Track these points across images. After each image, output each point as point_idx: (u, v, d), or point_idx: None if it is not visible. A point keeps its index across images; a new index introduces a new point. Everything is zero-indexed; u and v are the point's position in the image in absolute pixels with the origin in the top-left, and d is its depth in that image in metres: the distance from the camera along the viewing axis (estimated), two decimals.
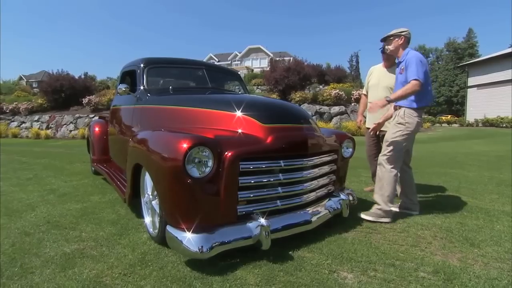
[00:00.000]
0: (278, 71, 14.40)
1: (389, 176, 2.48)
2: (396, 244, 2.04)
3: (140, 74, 2.90)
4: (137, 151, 2.09)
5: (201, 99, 2.42)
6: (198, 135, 1.70)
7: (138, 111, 2.70)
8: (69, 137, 13.47)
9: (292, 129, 1.98)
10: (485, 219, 2.55)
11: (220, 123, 2.00)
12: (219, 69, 3.64)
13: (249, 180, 1.77)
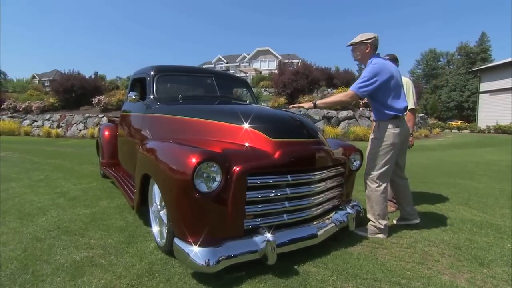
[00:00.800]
0: (286, 74, 14.40)
1: (376, 195, 2.42)
2: (403, 261, 2.02)
3: (150, 82, 2.95)
4: (146, 161, 2.13)
5: (209, 110, 2.45)
6: (207, 150, 1.71)
7: (148, 119, 2.75)
8: (79, 136, 13.71)
9: (300, 143, 1.98)
10: (495, 236, 2.50)
11: (228, 135, 2.02)
12: (227, 76, 3.67)
13: (256, 195, 1.78)
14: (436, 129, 19.76)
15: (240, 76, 3.96)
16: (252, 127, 1.98)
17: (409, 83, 3.14)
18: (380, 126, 2.43)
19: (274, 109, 2.53)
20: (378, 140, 2.42)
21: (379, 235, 2.42)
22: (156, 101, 2.78)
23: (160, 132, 2.54)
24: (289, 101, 14.70)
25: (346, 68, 31.25)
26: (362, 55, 2.49)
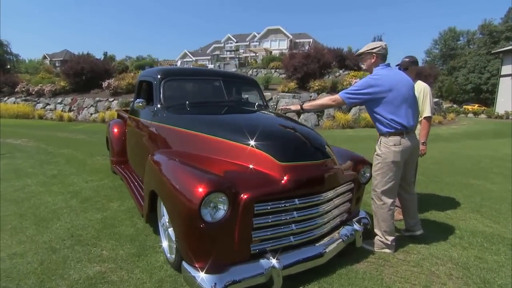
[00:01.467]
0: (297, 58, 13.99)
1: (382, 212, 2.39)
2: (408, 283, 2.02)
3: (157, 87, 2.90)
4: (154, 177, 2.13)
5: (216, 123, 2.40)
6: (215, 178, 1.69)
7: (155, 127, 2.73)
8: (90, 120, 13.92)
9: (309, 167, 1.94)
10: (507, 254, 2.46)
11: (235, 155, 1.99)
12: (236, 77, 3.58)
13: (263, 221, 1.78)
14: (451, 114, 19.16)
15: (248, 76, 3.85)
16: (260, 149, 1.94)
17: (427, 88, 2.99)
18: (381, 142, 2.37)
19: (282, 122, 2.46)
20: (379, 157, 2.36)
21: (385, 250, 2.41)
22: (163, 109, 2.74)
23: (166, 143, 2.53)
24: (299, 85, 14.40)
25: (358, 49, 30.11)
26: (368, 65, 2.42)
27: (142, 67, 25.64)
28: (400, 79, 2.34)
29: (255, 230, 1.77)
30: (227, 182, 1.67)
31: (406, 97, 2.30)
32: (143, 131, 3.02)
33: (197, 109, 2.82)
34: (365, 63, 2.41)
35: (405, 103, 2.30)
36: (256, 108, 3.17)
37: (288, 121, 2.54)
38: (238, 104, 3.17)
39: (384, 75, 2.30)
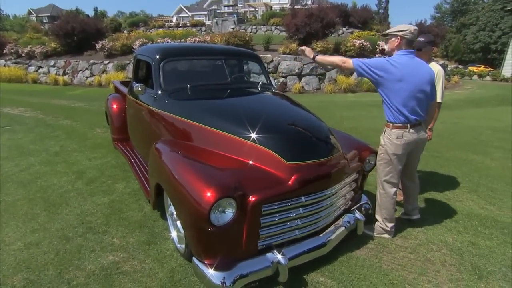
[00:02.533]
0: (299, 17, 13.16)
1: (384, 200, 2.46)
2: (405, 271, 2.15)
3: (156, 70, 2.76)
4: (158, 171, 2.14)
5: (222, 114, 2.31)
6: (224, 183, 1.69)
7: (157, 114, 2.66)
8: (86, 84, 13.55)
9: (317, 165, 1.93)
10: (499, 239, 2.59)
11: (241, 152, 1.97)
12: (239, 54, 3.39)
13: (270, 219, 1.83)
14: (455, 77, 18.71)
15: (251, 52, 3.65)
16: (267, 147, 1.92)
17: (440, 72, 2.87)
18: (385, 133, 2.36)
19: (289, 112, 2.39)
20: (382, 148, 2.39)
21: (384, 235, 2.53)
22: (165, 95, 2.65)
23: (169, 132, 2.49)
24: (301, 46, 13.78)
25: (364, 5, 28.27)
26: (391, 47, 2.30)
27: (136, 24, 24.23)
28: (417, 72, 2.21)
29: (262, 228, 1.83)
30: (235, 186, 1.68)
31: (416, 91, 2.20)
32: (145, 114, 2.95)
33: (200, 93, 2.72)
34: (388, 45, 2.30)
35: (415, 97, 2.21)
36: (259, 89, 3.06)
37: (294, 109, 2.47)
38: (242, 87, 3.05)
39: (401, 64, 2.18)
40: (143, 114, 2.99)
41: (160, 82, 2.71)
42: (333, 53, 13.71)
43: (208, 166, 1.87)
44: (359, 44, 13.83)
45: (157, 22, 25.42)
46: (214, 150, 2.07)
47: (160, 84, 2.71)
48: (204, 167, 1.86)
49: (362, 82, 13.25)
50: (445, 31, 20.58)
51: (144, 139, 3.14)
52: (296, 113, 2.33)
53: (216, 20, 22.19)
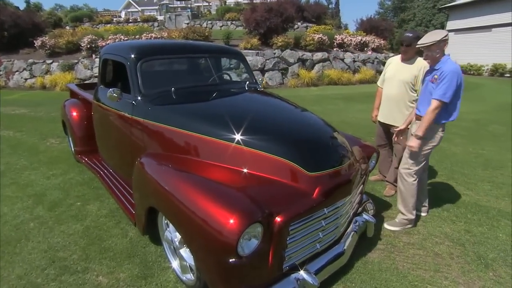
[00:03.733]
0: (259, 12, 13.00)
1: (411, 188, 2.53)
2: (420, 269, 2.13)
3: (132, 71, 2.37)
4: (153, 193, 1.82)
5: (220, 120, 2.01)
6: (250, 207, 1.44)
7: (137, 124, 2.28)
8: (26, 87, 11.87)
9: (337, 174, 1.78)
10: (487, 224, 2.73)
11: (253, 165, 1.73)
12: (221, 51, 3.10)
13: (295, 238, 1.64)
14: None
15: (233, 48, 3.38)
16: (284, 157, 1.71)
17: (427, 67, 2.90)
18: (433, 127, 2.38)
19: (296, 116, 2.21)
20: (426, 140, 2.41)
21: (408, 226, 2.60)
22: (146, 101, 2.28)
23: (157, 145, 2.14)
24: (262, 41, 13.67)
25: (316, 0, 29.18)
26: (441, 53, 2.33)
27: (79, 19, 21.89)
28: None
29: (288, 248, 1.64)
30: (262, 208, 1.45)
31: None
32: (121, 124, 2.53)
33: (188, 97, 2.39)
34: (436, 52, 2.29)
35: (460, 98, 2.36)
36: (247, 89, 2.82)
37: (300, 112, 2.29)
38: (231, 87, 2.78)
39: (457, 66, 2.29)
40: (118, 123, 2.57)
41: (138, 85, 2.33)
42: (293, 47, 13.88)
43: (220, 185, 1.61)
44: (318, 38, 14.16)
45: (104, 17, 23.20)
46: (218, 164, 1.80)
47: (138, 88, 2.33)
48: (216, 186, 1.59)
49: (323, 76, 13.63)
50: (392, 26, 22.06)
51: (120, 152, 2.72)
52: (304, 117, 2.15)
53: (169, 15, 21.00)
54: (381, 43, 17.16)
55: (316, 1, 28.16)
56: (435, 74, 2.31)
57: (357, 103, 9.26)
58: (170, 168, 1.85)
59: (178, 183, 1.68)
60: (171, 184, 1.70)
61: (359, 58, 15.25)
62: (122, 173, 2.85)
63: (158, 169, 1.89)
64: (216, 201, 1.46)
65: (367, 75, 14.40)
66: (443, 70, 2.25)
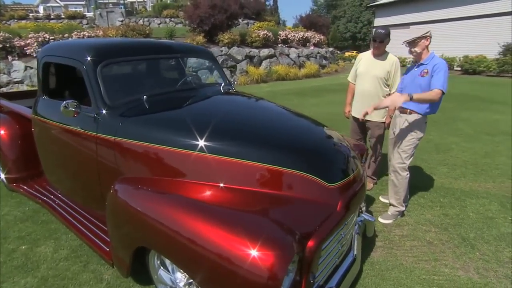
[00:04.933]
0: (202, 8, 12.48)
1: (404, 182, 2.62)
2: (422, 261, 2.18)
3: (91, 78, 1.92)
4: (142, 229, 1.48)
5: (215, 132, 1.70)
6: (285, 238, 1.22)
7: (108, 144, 1.85)
8: None
9: (354, 181, 1.66)
10: (457, 205, 2.97)
11: (267, 182, 1.51)
12: (191, 50, 2.76)
13: (324, 257, 1.48)
14: (342, 63, 21.65)
15: (203, 48, 3.05)
16: (301, 170, 1.52)
17: (397, 62, 3.00)
18: (418, 121, 2.49)
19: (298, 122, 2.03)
20: (415, 134, 2.51)
21: (399, 217, 2.71)
22: (114, 115, 1.86)
23: (138, 168, 1.76)
24: (207, 38, 13.21)
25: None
26: (422, 48, 2.42)
27: None
28: None
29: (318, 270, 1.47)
30: (294, 235, 1.24)
31: None
32: (81, 144, 2.05)
33: (163, 106, 2.03)
34: (420, 47, 2.39)
35: None
36: (223, 91, 2.57)
37: (296, 116, 2.12)
38: (207, 90, 2.48)
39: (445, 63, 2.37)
40: (75, 142, 2.09)
41: (101, 96, 1.90)
42: (240, 44, 13.74)
43: (235, 210, 1.36)
44: (263, 34, 14.26)
45: (17, 12, 19.80)
46: (223, 185, 1.52)
47: (102, 99, 1.89)
48: (232, 213, 1.34)
49: (272, 72, 13.80)
50: (329, 22, 23.41)
51: (80, 177, 2.23)
52: (305, 122, 1.99)
53: (100, 12, 18.94)
54: (321, 38, 18.08)
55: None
56: (425, 69, 2.39)
57: (310, 98, 9.53)
58: (162, 196, 1.52)
59: (179, 214, 1.37)
60: (170, 216, 1.39)
61: (303, 53, 15.83)
62: (82, 201, 2.36)
63: (146, 198, 1.54)
64: (239, 232, 1.21)
65: (312, 69, 15.04)
66: (436, 63, 2.34)
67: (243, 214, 1.33)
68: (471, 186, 3.39)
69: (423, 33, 2.35)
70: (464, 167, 3.90)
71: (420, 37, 2.36)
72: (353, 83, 3.32)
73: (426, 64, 2.40)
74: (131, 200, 1.57)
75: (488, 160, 4.16)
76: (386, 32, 2.86)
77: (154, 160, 1.70)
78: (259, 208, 1.39)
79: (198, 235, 1.26)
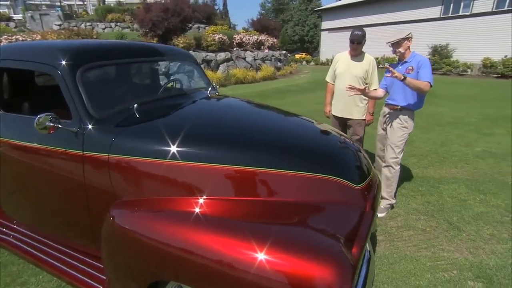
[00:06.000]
0: (154, 11, 11.91)
1: (397, 175, 2.78)
2: (424, 249, 2.30)
3: (70, 85, 1.61)
4: (160, 260, 1.29)
5: (225, 137, 1.59)
6: (338, 249, 1.15)
7: (100, 163, 1.58)
8: None
9: (373, 180, 1.67)
10: (435, 192, 3.22)
11: (295, 190, 1.42)
12: (175, 53, 2.55)
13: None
14: (295, 65, 22.44)
15: (184, 50, 2.84)
16: (330, 174, 1.46)
17: (374, 61, 3.15)
18: (408, 116, 2.65)
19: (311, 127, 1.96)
20: (406, 129, 2.67)
21: (389, 210, 2.82)
22: (103, 128, 1.61)
23: (141, 189, 1.52)
24: (162, 43, 12.65)
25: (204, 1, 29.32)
26: (405, 49, 2.59)
27: None
28: None
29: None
30: (345, 245, 1.18)
31: None
32: (61, 165, 1.73)
33: (158, 114, 1.83)
34: (403, 47, 2.56)
35: None
36: (210, 95, 2.43)
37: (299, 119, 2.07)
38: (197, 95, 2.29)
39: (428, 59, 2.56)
40: (52, 164, 1.76)
41: (84, 106, 1.61)
42: (196, 48, 13.43)
43: (280, 227, 1.25)
44: (219, 38, 14.12)
45: None
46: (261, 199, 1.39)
47: (86, 110, 1.62)
48: (277, 230, 1.21)
49: (230, 75, 13.71)
50: (280, 25, 24.11)
51: (58, 204, 1.90)
52: (313, 126, 1.94)
53: (31, 14, 16.84)
54: (274, 41, 18.54)
55: (204, 1, 28.19)
56: (409, 66, 2.56)
57: (273, 100, 9.64)
58: (183, 218, 1.34)
59: (210, 237, 1.21)
60: (199, 241, 1.21)
61: (258, 56, 16.04)
62: (57, 233, 2.01)
63: (162, 223, 1.34)
64: (292, 251, 1.09)
65: (269, 72, 15.30)
66: (419, 60, 2.52)
67: (287, 229, 1.23)
68: (440, 173, 3.71)
69: (405, 35, 2.50)
70: (429, 157, 4.26)
71: (403, 38, 2.51)
72: (331, 83, 3.41)
73: (409, 61, 2.56)
74: (141, 228, 1.36)
75: (445, 148, 4.61)
76: (362, 33, 2.98)
77: (165, 177, 1.50)
78: (293, 220, 1.30)
79: (243, 260, 1.12)
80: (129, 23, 19.66)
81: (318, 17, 34.09)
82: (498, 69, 14.37)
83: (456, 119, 6.54)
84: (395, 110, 2.68)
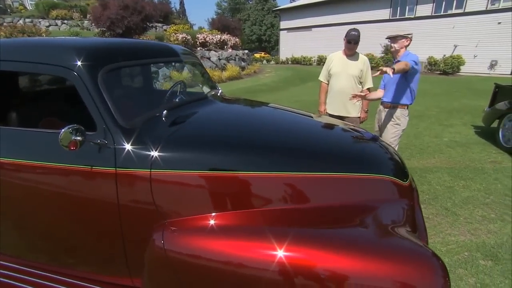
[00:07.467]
0: (112, 9, 11.10)
1: None
2: (433, 235, 2.49)
3: (92, 90, 1.40)
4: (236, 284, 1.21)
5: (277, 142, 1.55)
6: (426, 249, 1.17)
7: (141, 181, 1.39)
8: None
9: (411, 177, 1.74)
10: (424, 181, 3.50)
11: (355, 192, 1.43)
12: (188, 53, 2.42)
13: None
14: (257, 64, 22.62)
15: (187, 48, 2.69)
16: (382, 173, 1.50)
17: (367, 61, 3.29)
18: (401, 113, 2.76)
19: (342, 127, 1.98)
20: (399, 126, 2.79)
21: None
22: (139, 140, 1.44)
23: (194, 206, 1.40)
24: None
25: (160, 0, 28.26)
26: (400, 47, 2.73)
27: None
28: None
29: None
30: (424, 243, 1.22)
31: None
32: (77, 186, 1.51)
33: (189, 121, 1.71)
34: (399, 45, 2.70)
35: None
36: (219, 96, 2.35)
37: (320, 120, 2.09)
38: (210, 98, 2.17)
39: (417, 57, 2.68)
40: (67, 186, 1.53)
41: (111, 115, 1.43)
42: None
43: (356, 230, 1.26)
44: (182, 38, 13.71)
45: None
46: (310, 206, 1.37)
47: (113, 119, 1.43)
48: (357, 235, 1.22)
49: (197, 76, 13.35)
50: (240, 25, 24.07)
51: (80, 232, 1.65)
52: (341, 126, 1.97)
53: None
54: (237, 41, 18.49)
55: (159, 0, 27.01)
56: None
57: None
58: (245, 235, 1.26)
59: (289, 251, 1.15)
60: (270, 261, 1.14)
61: (223, 55, 15.87)
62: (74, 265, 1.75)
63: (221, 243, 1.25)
64: (381, 256, 1.10)
65: (234, 71, 15.21)
66: (408, 55, 2.68)
67: (368, 233, 1.25)
68: (422, 163, 4.04)
69: (405, 33, 2.64)
70: (409, 149, 4.61)
71: (401, 36, 2.65)
72: (325, 83, 3.50)
73: (400, 60, 2.71)
74: (199, 250, 1.25)
75: (419, 141, 5.03)
76: (358, 34, 3.11)
77: (222, 191, 1.40)
78: (376, 223, 1.32)
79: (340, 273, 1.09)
80: (78, 20, 18.10)
81: (275, 17, 34.81)
82: (441, 67, 16.05)
83: (419, 112, 7.17)
84: (388, 107, 2.84)
